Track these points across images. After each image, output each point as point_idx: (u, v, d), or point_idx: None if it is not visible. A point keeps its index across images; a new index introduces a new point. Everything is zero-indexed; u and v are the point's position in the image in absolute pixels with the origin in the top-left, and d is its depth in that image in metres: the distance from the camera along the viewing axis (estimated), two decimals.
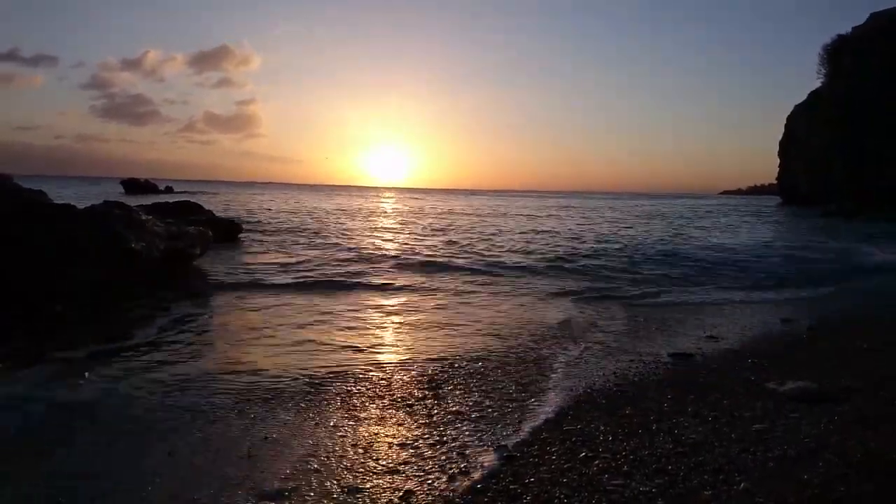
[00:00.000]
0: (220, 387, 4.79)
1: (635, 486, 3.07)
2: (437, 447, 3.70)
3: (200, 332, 6.77)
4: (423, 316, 7.89)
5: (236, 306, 8.22)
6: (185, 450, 3.64)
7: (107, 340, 6.12)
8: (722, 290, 10.57)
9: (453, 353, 5.97)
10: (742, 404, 4.41)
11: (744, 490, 3.00)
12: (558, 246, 17.72)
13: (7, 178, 8.94)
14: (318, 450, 3.65)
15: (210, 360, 5.54)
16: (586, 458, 3.46)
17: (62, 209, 8.25)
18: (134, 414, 4.23)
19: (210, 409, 4.30)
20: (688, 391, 4.75)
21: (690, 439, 3.72)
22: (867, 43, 59.80)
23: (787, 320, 7.85)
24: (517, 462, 3.44)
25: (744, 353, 6.02)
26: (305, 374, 5.15)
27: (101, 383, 4.82)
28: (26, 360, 5.41)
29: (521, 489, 3.08)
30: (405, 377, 5.19)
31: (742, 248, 18.51)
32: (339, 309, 8.22)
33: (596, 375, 5.27)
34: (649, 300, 9.47)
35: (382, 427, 4.05)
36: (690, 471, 3.25)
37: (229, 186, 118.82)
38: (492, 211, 43.34)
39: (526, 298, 9.37)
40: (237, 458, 3.53)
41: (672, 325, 7.54)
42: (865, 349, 6.08)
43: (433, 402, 4.55)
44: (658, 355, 6.00)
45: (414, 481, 3.24)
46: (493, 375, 5.24)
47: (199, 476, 3.30)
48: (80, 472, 3.36)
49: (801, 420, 4.03)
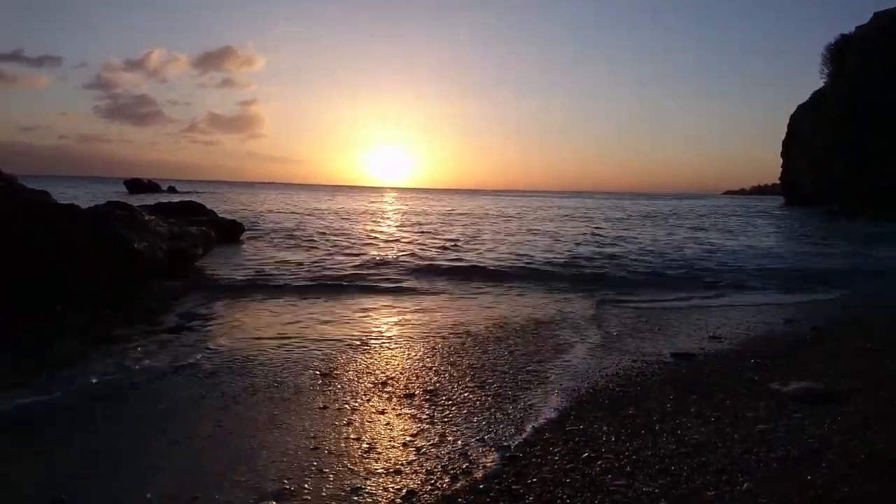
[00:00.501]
0: (220, 381, 4.80)
1: (638, 487, 3.06)
2: (439, 447, 3.70)
3: (202, 330, 6.78)
4: (427, 317, 7.89)
5: (238, 306, 8.22)
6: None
7: (107, 340, 6.13)
8: (723, 291, 10.54)
9: (455, 354, 5.97)
10: (745, 404, 4.40)
11: (747, 490, 3.00)
12: (561, 247, 17.71)
13: (11, 178, 8.96)
14: (312, 449, 3.65)
15: (208, 358, 5.55)
16: (589, 458, 3.45)
17: (65, 209, 8.26)
18: (135, 408, 4.24)
19: (214, 399, 4.31)
20: (691, 391, 4.74)
21: (693, 440, 3.71)
22: (871, 42, 59.65)
23: (791, 321, 7.83)
24: (520, 462, 3.43)
25: (747, 354, 6.00)
26: (307, 369, 5.16)
27: (104, 379, 4.84)
28: (34, 355, 5.42)
29: (524, 489, 3.07)
30: (406, 376, 5.18)
31: (744, 249, 18.48)
32: (343, 310, 8.22)
33: (598, 376, 5.26)
34: (651, 301, 9.45)
35: (385, 426, 4.05)
36: (693, 471, 3.24)
37: (231, 187, 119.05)
38: (498, 212, 43.34)
39: (529, 300, 9.36)
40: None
41: (674, 326, 7.53)
42: (869, 349, 6.06)
43: (435, 401, 4.55)
44: (661, 355, 5.98)
45: (416, 481, 3.24)
46: (494, 376, 5.23)
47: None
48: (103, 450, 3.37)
49: (805, 420, 4.01)
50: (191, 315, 7.48)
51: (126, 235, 8.35)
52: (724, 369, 5.39)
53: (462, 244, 17.92)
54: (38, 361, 5.42)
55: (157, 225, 9.58)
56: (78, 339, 6.15)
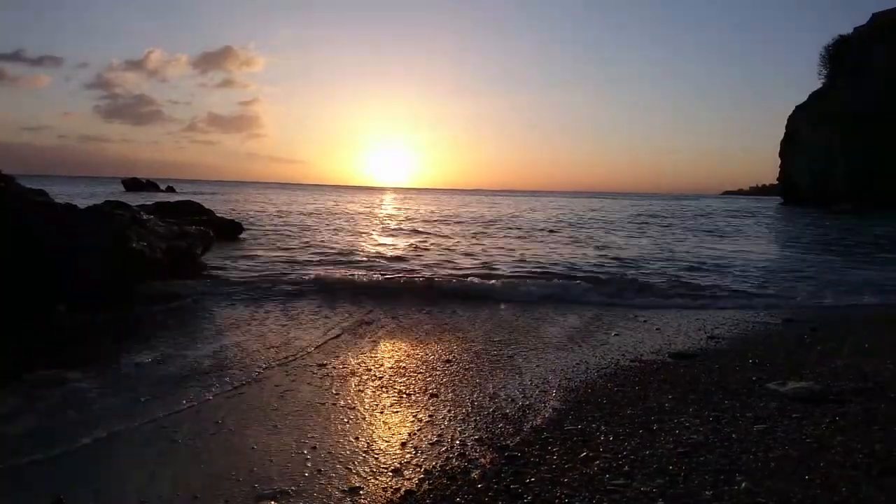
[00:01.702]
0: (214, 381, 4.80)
1: (636, 486, 3.06)
2: (436, 446, 3.70)
3: (203, 328, 6.78)
4: (426, 318, 7.90)
5: (238, 305, 8.22)
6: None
7: (113, 340, 6.14)
8: (723, 292, 10.54)
9: (456, 354, 5.97)
10: (743, 405, 4.40)
11: (745, 490, 3.00)
12: (564, 248, 17.72)
13: (9, 178, 8.94)
14: (312, 449, 3.65)
15: (208, 356, 5.55)
16: (587, 457, 3.45)
17: (62, 209, 8.25)
18: None
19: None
20: (689, 391, 4.74)
21: (692, 439, 3.71)
22: (868, 43, 59.77)
23: (790, 321, 7.84)
24: (518, 462, 3.43)
25: (745, 354, 6.01)
26: (298, 366, 5.17)
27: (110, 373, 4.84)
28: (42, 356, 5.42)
29: (523, 489, 3.07)
30: (405, 378, 5.19)
31: (740, 251, 18.50)
32: (345, 311, 8.23)
33: (597, 376, 5.27)
34: (650, 302, 9.46)
35: (382, 426, 4.05)
36: (691, 471, 3.24)
37: (231, 186, 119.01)
38: (492, 211, 43.35)
39: (531, 302, 9.36)
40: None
41: (673, 326, 7.53)
42: (868, 349, 6.07)
43: (434, 401, 4.55)
44: (659, 355, 5.99)
45: (413, 481, 3.24)
46: (494, 376, 5.24)
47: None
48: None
49: (804, 420, 4.02)
50: (192, 314, 7.48)
51: (126, 235, 8.34)
52: (722, 369, 5.40)
53: (465, 245, 17.92)
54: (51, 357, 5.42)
55: (156, 225, 9.58)
56: (80, 341, 6.15)
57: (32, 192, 8.57)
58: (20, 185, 8.60)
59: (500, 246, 17.84)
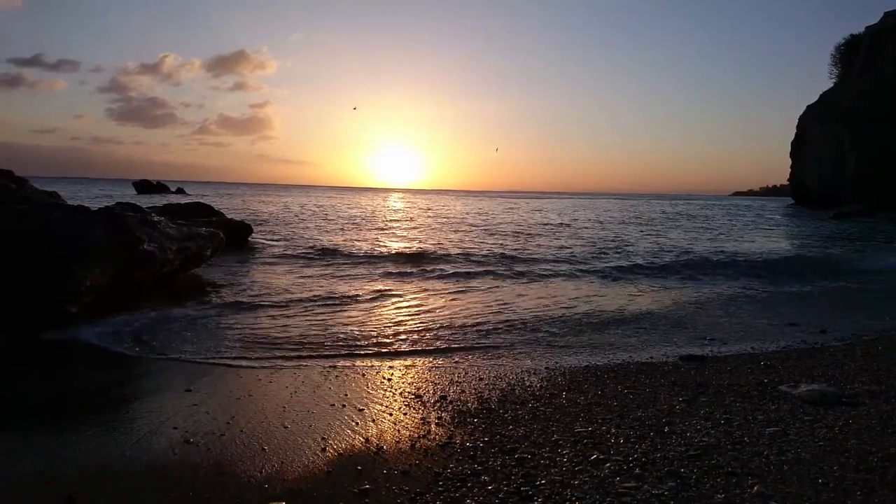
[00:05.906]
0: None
1: (647, 489, 3.05)
2: (446, 448, 3.70)
3: (212, 330, 6.81)
4: (433, 328, 7.90)
5: (249, 305, 8.25)
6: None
7: (119, 340, 6.18)
8: (733, 293, 10.48)
9: (458, 355, 5.97)
10: (755, 407, 4.37)
11: (757, 493, 2.97)
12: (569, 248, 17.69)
13: (22, 181, 9.04)
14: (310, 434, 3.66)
15: (217, 355, 5.58)
16: (597, 460, 3.44)
17: (74, 210, 8.31)
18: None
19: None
20: (699, 393, 4.71)
21: (703, 442, 3.69)
22: (880, 42, 59.25)
23: (797, 324, 7.76)
24: (528, 464, 3.42)
25: (756, 356, 5.97)
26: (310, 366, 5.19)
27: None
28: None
29: (533, 491, 3.06)
30: (414, 380, 5.20)
31: (751, 252, 18.37)
32: (348, 314, 8.25)
33: (607, 378, 5.25)
34: (659, 304, 9.41)
35: (389, 429, 4.06)
36: (703, 474, 3.22)
37: (241, 188, 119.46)
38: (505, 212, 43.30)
39: (537, 302, 9.35)
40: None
41: (683, 327, 7.49)
42: (881, 352, 6.01)
43: (442, 403, 4.55)
44: (669, 357, 5.96)
45: (422, 483, 3.23)
46: (501, 380, 5.24)
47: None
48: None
49: (816, 423, 3.98)
50: (197, 314, 7.52)
51: (138, 236, 8.39)
52: (733, 371, 5.36)
53: (478, 246, 17.91)
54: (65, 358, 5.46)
55: (167, 226, 9.62)
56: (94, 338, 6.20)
57: (44, 193, 8.65)
58: (32, 187, 8.69)
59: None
